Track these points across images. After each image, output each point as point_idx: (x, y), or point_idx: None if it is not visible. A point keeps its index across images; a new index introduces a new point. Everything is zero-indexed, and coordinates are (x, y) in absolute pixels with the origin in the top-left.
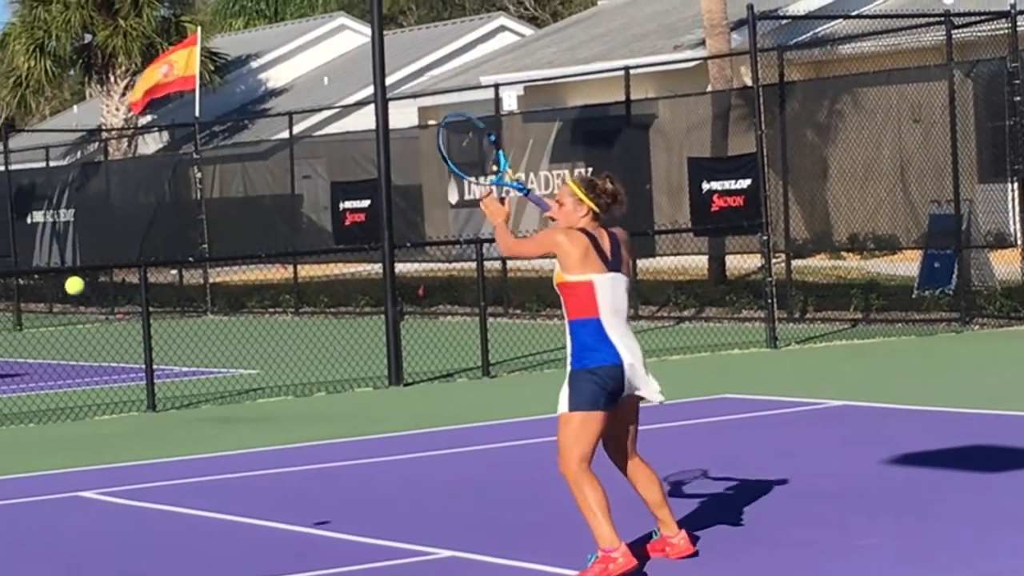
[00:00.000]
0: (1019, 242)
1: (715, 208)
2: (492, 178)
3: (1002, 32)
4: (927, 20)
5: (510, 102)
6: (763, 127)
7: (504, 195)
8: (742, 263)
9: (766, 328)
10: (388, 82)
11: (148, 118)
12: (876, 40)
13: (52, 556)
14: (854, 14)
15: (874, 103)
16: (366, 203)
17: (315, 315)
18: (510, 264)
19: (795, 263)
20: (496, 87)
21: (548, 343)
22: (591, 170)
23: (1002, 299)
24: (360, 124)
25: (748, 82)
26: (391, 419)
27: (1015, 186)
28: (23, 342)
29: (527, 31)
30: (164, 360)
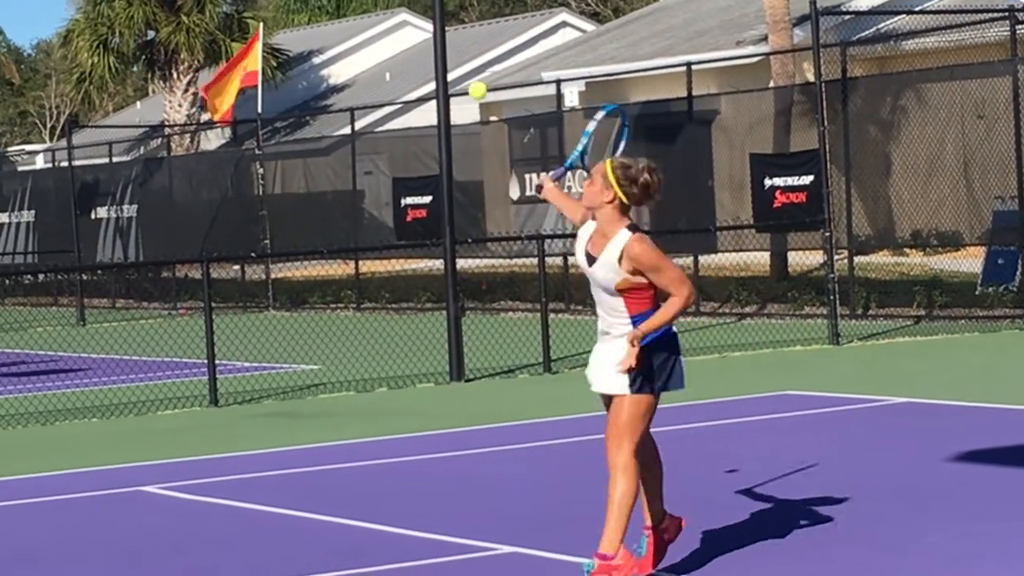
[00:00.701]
0: None
1: (777, 204)
2: (578, 149)
3: None
4: (991, 15)
5: (572, 98)
6: (826, 123)
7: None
8: (804, 259)
9: (828, 325)
10: (450, 78)
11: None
12: (939, 36)
13: (113, 550)
14: (917, 9)
15: (937, 99)
16: (427, 199)
17: (376, 311)
18: (571, 260)
19: (857, 259)
20: (558, 83)
21: None
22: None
23: None
24: (422, 120)
25: (811, 78)
26: (452, 415)
27: None
28: (86, 337)
29: (589, 27)
30: (226, 355)
